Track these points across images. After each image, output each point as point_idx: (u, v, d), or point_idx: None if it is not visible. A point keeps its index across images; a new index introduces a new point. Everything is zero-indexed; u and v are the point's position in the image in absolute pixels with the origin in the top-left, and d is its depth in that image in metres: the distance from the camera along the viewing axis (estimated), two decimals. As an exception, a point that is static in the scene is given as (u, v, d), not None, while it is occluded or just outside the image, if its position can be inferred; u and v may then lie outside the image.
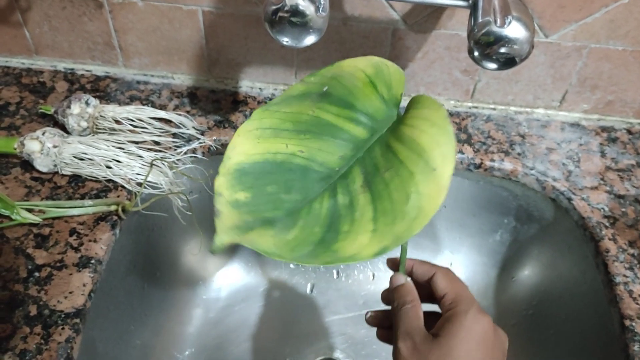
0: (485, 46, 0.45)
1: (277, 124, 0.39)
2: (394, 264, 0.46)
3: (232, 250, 0.77)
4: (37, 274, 0.53)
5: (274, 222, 0.36)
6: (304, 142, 0.39)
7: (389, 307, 0.48)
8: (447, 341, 0.39)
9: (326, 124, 0.39)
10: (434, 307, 0.45)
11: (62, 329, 0.49)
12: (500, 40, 0.45)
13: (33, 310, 0.50)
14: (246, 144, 0.38)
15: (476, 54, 0.46)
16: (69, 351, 0.49)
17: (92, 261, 0.54)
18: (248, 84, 0.71)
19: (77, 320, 0.50)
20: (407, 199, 0.34)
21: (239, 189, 0.37)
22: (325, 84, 0.41)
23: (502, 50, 0.45)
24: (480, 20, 0.45)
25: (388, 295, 0.47)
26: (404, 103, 0.43)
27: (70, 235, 0.56)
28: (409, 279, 0.45)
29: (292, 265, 0.77)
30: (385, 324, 0.47)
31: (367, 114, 0.41)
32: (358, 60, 0.44)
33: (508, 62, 0.46)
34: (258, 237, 0.35)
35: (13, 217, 0.55)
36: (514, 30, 0.44)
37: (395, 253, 0.44)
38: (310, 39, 0.47)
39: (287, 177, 0.38)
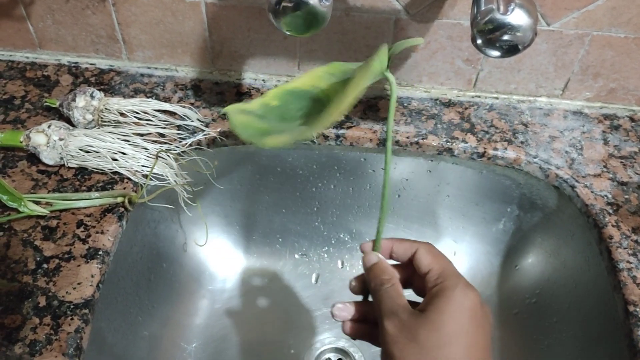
0: (488, 33, 0.45)
1: (334, 73, 0.45)
2: (367, 248, 0.45)
3: (237, 241, 0.77)
4: (45, 265, 0.53)
5: (264, 118, 0.42)
6: (332, 86, 0.44)
7: (358, 298, 0.46)
8: (436, 316, 0.38)
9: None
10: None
11: (72, 319, 0.50)
12: (503, 27, 0.45)
13: (42, 302, 0.51)
14: (306, 77, 0.45)
15: (479, 41, 0.46)
16: (78, 341, 0.49)
17: (100, 252, 0.55)
18: (251, 75, 0.71)
19: (86, 311, 0.51)
20: (321, 113, 0.39)
21: (278, 99, 0.43)
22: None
23: (505, 37, 0.45)
24: (483, 7, 0.45)
25: (357, 284, 0.45)
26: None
27: (78, 227, 0.56)
28: (381, 256, 0.43)
29: (296, 256, 0.78)
30: (355, 317, 0.45)
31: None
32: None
33: (511, 50, 0.46)
34: (240, 117, 0.41)
35: (21, 209, 0.56)
36: (517, 17, 0.44)
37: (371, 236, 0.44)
38: (313, 29, 0.47)
39: (306, 103, 0.44)
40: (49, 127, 0.60)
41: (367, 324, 0.45)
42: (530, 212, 0.70)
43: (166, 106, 0.65)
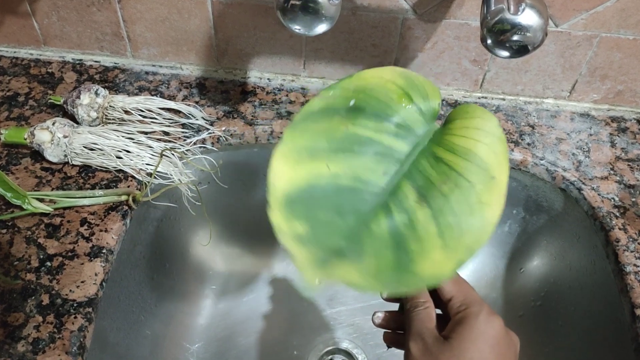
0: (499, 34, 0.45)
1: (311, 144, 0.37)
2: None
3: (240, 241, 0.77)
4: (48, 263, 0.53)
5: (344, 252, 0.34)
6: (345, 161, 0.37)
7: (396, 308, 0.47)
8: (459, 343, 0.39)
9: (365, 140, 0.38)
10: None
11: (75, 317, 0.50)
12: (514, 27, 0.44)
13: (45, 300, 0.51)
14: (286, 169, 0.36)
15: (489, 41, 0.46)
16: (81, 340, 0.49)
17: (104, 251, 0.54)
18: (257, 74, 0.71)
19: (90, 310, 0.50)
20: (471, 210, 0.34)
21: (295, 221, 0.34)
22: (349, 97, 0.39)
23: (515, 38, 0.45)
24: (493, 7, 0.45)
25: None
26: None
27: (81, 225, 0.56)
28: None
29: (300, 256, 0.77)
30: (392, 326, 0.47)
31: (405, 126, 0.39)
32: (382, 71, 0.41)
33: (521, 50, 0.46)
34: (341, 270, 0.33)
35: (24, 206, 0.55)
36: (528, 17, 0.44)
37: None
38: (322, 27, 0.47)
39: (336, 201, 0.35)
40: (53, 124, 0.59)
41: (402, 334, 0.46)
42: (536, 214, 0.70)
43: (171, 104, 0.65)
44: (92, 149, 0.60)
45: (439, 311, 0.43)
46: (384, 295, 0.47)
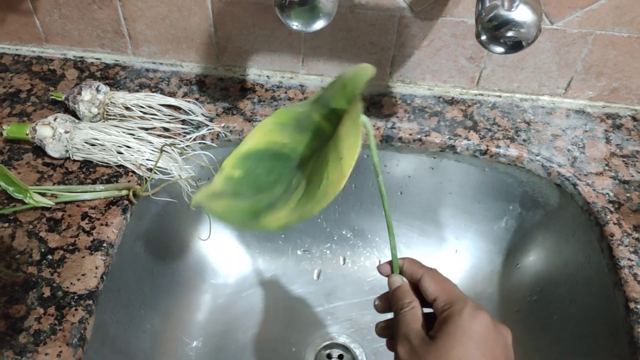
0: (493, 30, 0.46)
1: (286, 121, 0.43)
2: (385, 270, 0.46)
3: (240, 236, 0.78)
4: (50, 256, 0.54)
5: (239, 195, 0.40)
6: (295, 137, 0.43)
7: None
8: (444, 342, 0.39)
9: (312, 122, 0.43)
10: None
11: (76, 310, 0.50)
12: (508, 23, 0.45)
13: (47, 292, 0.51)
14: (258, 135, 0.43)
15: (484, 37, 0.47)
16: (82, 332, 0.49)
17: (104, 244, 0.55)
18: (256, 71, 0.71)
19: (90, 302, 0.51)
20: (319, 184, 0.37)
21: (238, 168, 0.42)
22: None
23: (510, 33, 0.46)
24: (488, 4, 0.46)
25: (381, 303, 0.46)
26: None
27: (82, 219, 0.57)
28: (405, 280, 0.44)
29: (299, 252, 0.78)
30: (388, 330, 0.47)
31: (335, 112, 0.43)
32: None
33: (515, 46, 0.47)
34: (215, 203, 0.39)
35: (26, 200, 0.56)
36: (522, 13, 0.45)
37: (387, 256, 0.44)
38: (319, 24, 0.48)
39: (273, 164, 0.42)
40: (55, 120, 0.60)
41: None
42: (532, 210, 0.70)
43: (171, 101, 0.66)
44: (93, 145, 0.60)
45: (429, 311, 0.43)
46: (376, 303, 0.47)
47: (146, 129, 0.63)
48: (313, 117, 0.42)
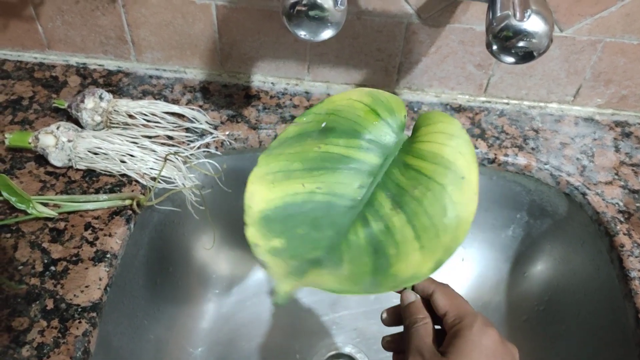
0: (504, 40, 0.45)
1: (286, 166, 0.39)
2: None
3: (244, 245, 0.77)
4: (53, 268, 0.53)
5: (321, 262, 0.35)
6: (319, 178, 0.38)
7: (401, 329, 0.47)
8: (455, 357, 0.39)
9: (337, 157, 0.40)
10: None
11: (79, 322, 0.50)
12: (520, 34, 0.44)
13: (50, 304, 0.51)
14: (263, 191, 0.38)
15: (494, 47, 0.46)
16: (86, 345, 0.49)
17: (108, 255, 0.54)
18: (260, 78, 0.71)
19: (94, 314, 0.50)
20: (444, 211, 0.35)
21: (272, 237, 0.36)
22: (321, 120, 0.41)
23: (521, 44, 0.45)
24: (499, 13, 0.45)
25: (388, 316, 0.46)
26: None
27: (86, 230, 0.56)
28: (418, 296, 0.44)
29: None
30: (402, 347, 0.46)
31: (375, 140, 0.41)
32: (350, 93, 0.44)
33: (526, 56, 0.46)
34: (317, 278, 0.34)
35: (29, 211, 0.55)
36: (534, 24, 0.44)
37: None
38: (327, 33, 0.47)
39: (313, 216, 0.37)
40: (57, 128, 0.59)
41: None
42: (540, 219, 0.70)
43: (175, 108, 0.65)
44: (96, 153, 0.60)
45: (438, 327, 0.43)
46: (383, 316, 0.47)
47: (150, 137, 0.62)
48: (332, 152, 0.39)
